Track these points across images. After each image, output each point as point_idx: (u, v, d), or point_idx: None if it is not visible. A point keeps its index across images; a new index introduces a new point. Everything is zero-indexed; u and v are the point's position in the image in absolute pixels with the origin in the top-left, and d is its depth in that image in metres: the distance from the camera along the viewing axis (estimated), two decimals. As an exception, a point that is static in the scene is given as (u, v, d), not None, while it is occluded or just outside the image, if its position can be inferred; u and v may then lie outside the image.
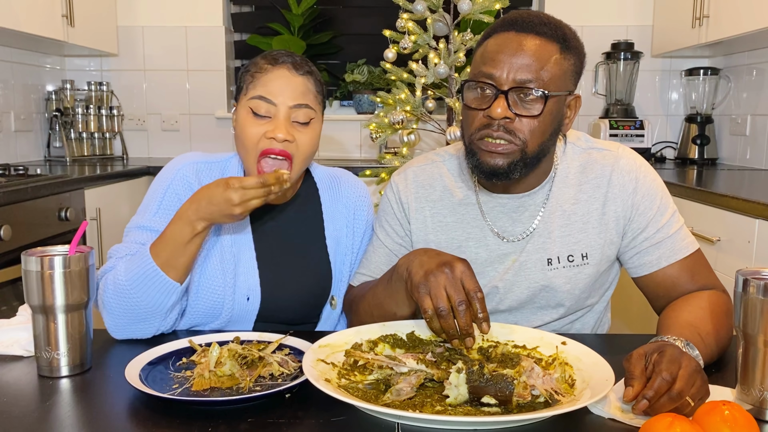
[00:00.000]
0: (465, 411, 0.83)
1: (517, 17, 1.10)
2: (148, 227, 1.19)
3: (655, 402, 0.79)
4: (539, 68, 1.05)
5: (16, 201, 2.01)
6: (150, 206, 1.21)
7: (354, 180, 1.38)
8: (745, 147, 3.06)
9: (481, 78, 1.08)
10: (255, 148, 1.15)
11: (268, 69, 1.16)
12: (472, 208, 1.22)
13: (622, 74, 3.33)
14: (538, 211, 1.19)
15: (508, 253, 1.20)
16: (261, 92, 1.15)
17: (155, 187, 1.24)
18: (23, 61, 3.14)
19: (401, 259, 1.07)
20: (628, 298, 2.62)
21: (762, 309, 0.82)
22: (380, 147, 3.21)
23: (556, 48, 1.07)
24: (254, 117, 1.15)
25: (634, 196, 1.18)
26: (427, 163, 1.29)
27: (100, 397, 0.90)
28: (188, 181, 1.22)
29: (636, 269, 1.20)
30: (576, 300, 1.21)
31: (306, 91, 1.17)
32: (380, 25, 2.68)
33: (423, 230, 1.25)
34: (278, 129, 1.13)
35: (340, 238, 1.32)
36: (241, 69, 1.23)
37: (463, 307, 0.94)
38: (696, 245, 1.19)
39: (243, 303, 1.22)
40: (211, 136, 3.62)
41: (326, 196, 1.33)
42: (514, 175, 1.09)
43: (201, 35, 3.54)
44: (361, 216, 1.35)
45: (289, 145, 1.15)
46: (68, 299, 0.95)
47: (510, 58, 1.06)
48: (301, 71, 1.17)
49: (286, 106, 1.15)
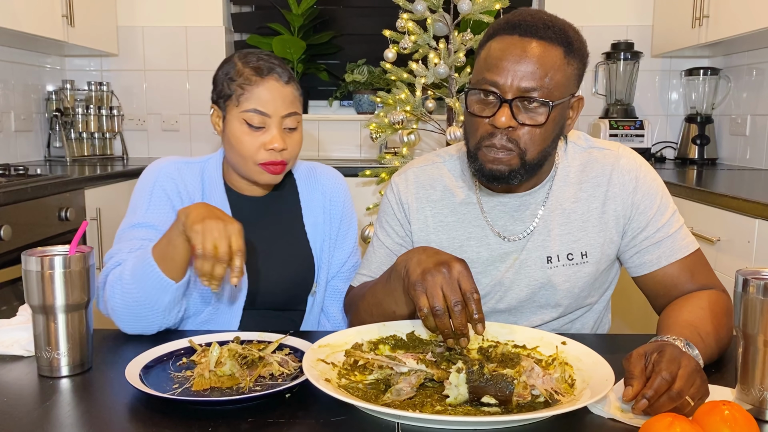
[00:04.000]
0: (465, 411, 0.83)
1: (520, 20, 1.08)
2: (143, 224, 1.23)
3: (655, 401, 0.79)
4: (543, 76, 1.05)
5: (16, 201, 2.01)
6: (140, 204, 1.26)
7: (329, 170, 1.45)
8: (745, 147, 3.06)
9: (485, 85, 1.08)
10: (253, 158, 1.25)
11: (258, 81, 1.23)
12: (472, 208, 1.23)
13: (622, 74, 3.33)
14: (538, 209, 1.20)
15: (509, 252, 1.21)
16: (255, 105, 1.23)
17: (141, 187, 1.29)
18: (23, 61, 3.14)
19: (400, 257, 1.07)
20: (628, 298, 2.62)
21: (762, 309, 0.82)
22: (380, 147, 3.21)
23: (560, 53, 1.07)
24: (249, 128, 1.24)
25: (635, 195, 1.18)
26: (428, 164, 1.29)
27: (100, 397, 0.90)
28: (172, 176, 1.28)
29: (636, 268, 1.20)
30: (575, 298, 1.22)
31: (294, 99, 1.27)
32: (380, 25, 2.68)
33: (424, 230, 1.25)
34: (275, 140, 1.23)
35: (317, 224, 1.39)
36: (220, 73, 1.27)
37: (459, 307, 0.94)
38: (696, 245, 1.19)
39: (231, 289, 1.27)
40: (211, 136, 3.62)
41: (303, 186, 1.41)
42: (514, 180, 1.11)
43: (201, 35, 3.54)
44: (337, 202, 1.40)
45: (284, 153, 1.25)
46: (68, 299, 0.95)
47: (514, 66, 1.05)
48: (286, 79, 1.25)
49: (279, 116, 1.24)
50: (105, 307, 1.16)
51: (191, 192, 1.29)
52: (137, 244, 1.20)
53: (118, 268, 1.15)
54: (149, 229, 1.22)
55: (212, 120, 1.31)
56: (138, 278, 1.10)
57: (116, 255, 1.20)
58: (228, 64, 1.27)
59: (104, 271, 1.18)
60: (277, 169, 1.26)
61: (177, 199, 1.27)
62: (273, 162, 1.24)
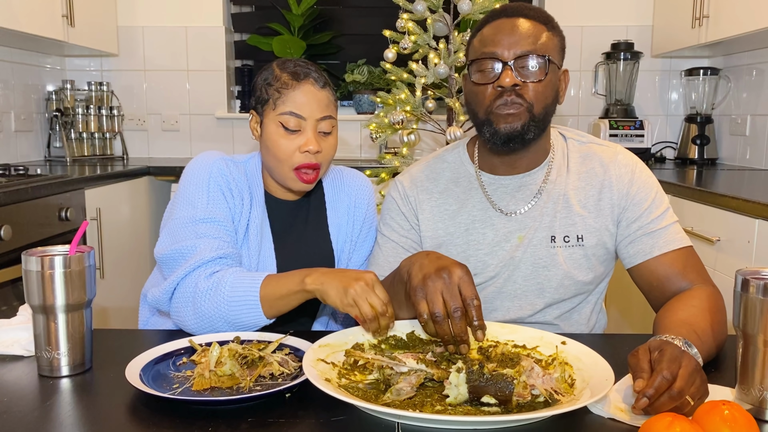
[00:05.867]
0: (465, 411, 0.83)
1: (504, 7, 1.22)
2: (207, 219, 1.22)
3: (655, 401, 0.79)
4: (535, 41, 1.17)
5: (16, 201, 2.01)
6: (198, 198, 1.24)
7: (356, 173, 1.48)
8: (745, 147, 3.06)
9: (485, 56, 1.18)
10: (289, 160, 1.26)
11: (294, 85, 1.26)
12: (475, 192, 1.29)
13: (621, 74, 3.33)
14: (537, 190, 1.27)
15: (513, 230, 1.26)
16: (291, 108, 1.25)
17: (194, 180, 1.26)
18: (23, 61, 3.14)
19: (404, 261, 1.08)
20: (628, 298, 2.63)
21: (762, 309, 0.82)
22: (380, 147, 3.21)
23: (543, 27, 1.20)
24: (285, 131, 1.26)
25: (630, 186, 1.25)
26: (429, 161, 1.37)
27: (100, 397, 0.90)
28: (223, 173, 1.28)
29: (630, 258, 1.24)
30: (574, 280, 1.25)
31: (329, 103, 1.29)
32: (380, 25, 2.68)
33: (432, 221, 1.31)
34: (310, 142, 1.25)
35: (341, 225, 1.41)
36: (259, 79, 1.31)
37: (459, 313, 0.95)
38: (689, 242, 1.23)
39: None
40: (211, 136, 3.62)
41: (329, 187, 1.43)
42: (528, 135, 1.19)
43: (201, 35, 3.54)
44: (361, 205, 1.43)
45: (318, 156, 1.27)
46: (68, 299, 0.95)
47: (508, 37, 1.17)
48: (322, 84, 1.28)
49: (314, 119, 1.26)
50: (180, 300, 1.16)
51: (241, 190, 1.29)
52: (215, 244, 1.18)
53: (213, 278, 1.14)
54: (213, 224, 1.21)
55: (251, 126, 1.33)
56: (233, 305, 1.11)
57: (195, 254, 1.17)
58: (267, 71, 1.30)
59: (184, 270, 1.16)
60: (310, 177, 1.27)
61: (229, 196, 1.27)
62: (307, 165, 1.26)
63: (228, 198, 1.26)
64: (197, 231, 1.20)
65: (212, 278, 1.14)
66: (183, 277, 1.16)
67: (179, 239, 1.20)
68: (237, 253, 1.22)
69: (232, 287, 1.11)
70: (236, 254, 1.22)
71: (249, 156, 1.37)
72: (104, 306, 2.62)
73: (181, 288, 1.16)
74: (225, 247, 1.19)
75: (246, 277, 1.13)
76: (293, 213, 1.38)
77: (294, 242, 1.36)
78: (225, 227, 1.23)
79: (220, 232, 1.21)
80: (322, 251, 1.39)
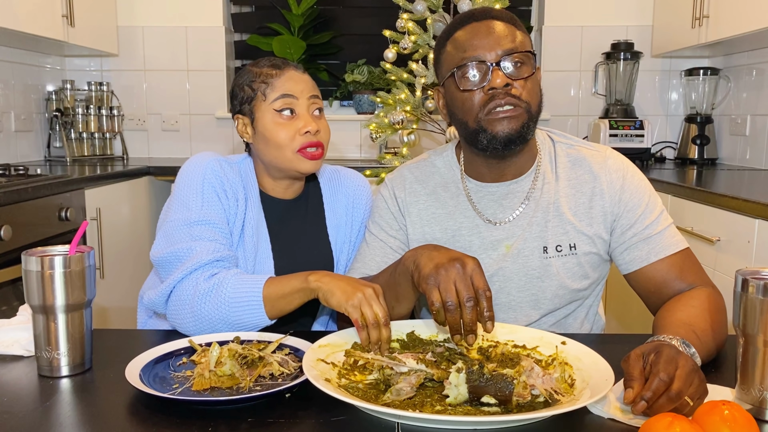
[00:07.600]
0: (465, 411, 0.83)
1: (470, 12, 1.19)
2: (202, 221, 1.21)
3: (654, 403, 0.79)
4: (514, 39, 1.15)
5: (16, 201, 2.01)
6: (192, 200, 1.23)
7: (353, 173, 1.48)
8: (745, 147, 3.06)
9: (468, 61, 1.14)
10: (291, 144, 1.27)
11: (278, 73, 1.29)
12: (462, 199, 1.27)
13: (621, 74, 3.33)
14: (525, 197, 1.24)
15: (500, 239, 1.24)
16: (282, 91, 1.27)
17: (188, 182, 1.26)
18: (23, 61, 3.14)
19: (408, 252, 1.08)
20: (627, 298, 2.62)
21: (762, 309, 0.82)
22: (380, 147, 3.21)
23: (514, 26, 1.18)
24: (281, 118, 1.27)
25: (622, 193, 1.22)
26: (419, 162, 1.35)
27: (100, 397, 0.90)
28: (217, 174, 1.27)
29: (626, 265, 1.22)
30: (568, 290, 1.23)
31: (313, 85, 1.32)
32: (380, 25, 2.68)
33: (419, 223, 1.28)
34: (308, 123, 1.27)
35: (339, 226, 1.41)
36: (236, 83, 1.33)
37: (471, 303, 0.95)
38: (685, 244, 1.21)
39: None
40: (211, 136, 3.62)
41: (326, 187, 1.43)
42: (529, 135, 1.17)
43: (201, 35, 3.54)
44: (359, 205, 1.43)
45: (318, 134, 1.29)
46: (68, 299, 0.95)
47: (485, 39, 1.14)
48: (302, 70, 1.32)
49: (305, 97, 1.29)
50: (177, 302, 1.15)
51: (236, 191, 1.29)
52: (212, 246, 1.18)
53: (213, 279, 1.13)
54: (208, 226, 1.21)
55: (239, 130, 1.33)
56: (235, 306, 1.11)
57: (191, 256, 1.17)
58: (243, 74, 1.32)
59: (180, 274, 1.16)
60: (316, 153, 1.28)
61: (223, 197, 1.26)
62: (311, 143, 1.27)
63: (223, 199, 1.26)
64: (192, 233, 1.20)
65: (212, 280, 1.13)
66: (180, 280, 1.16)
67: (174, 242, 1.19)
68: (233, 255, 1.22)
69: (233, 288, 1.11)
70: (233, 256, 1.22)
71: (243, 156, 1.38)
72: (104, 306, 2.62)
73: (178, 291, 1.15)
74: (221, 249, 1.19)
75: (247, 278, 1.13)
76: (290, 212, 1.37)
77: (292, 242, 1.36)
78: (220, 229, 1.22)
79: (216, 234, 1.21)
80: (321, 252, 1.39)
